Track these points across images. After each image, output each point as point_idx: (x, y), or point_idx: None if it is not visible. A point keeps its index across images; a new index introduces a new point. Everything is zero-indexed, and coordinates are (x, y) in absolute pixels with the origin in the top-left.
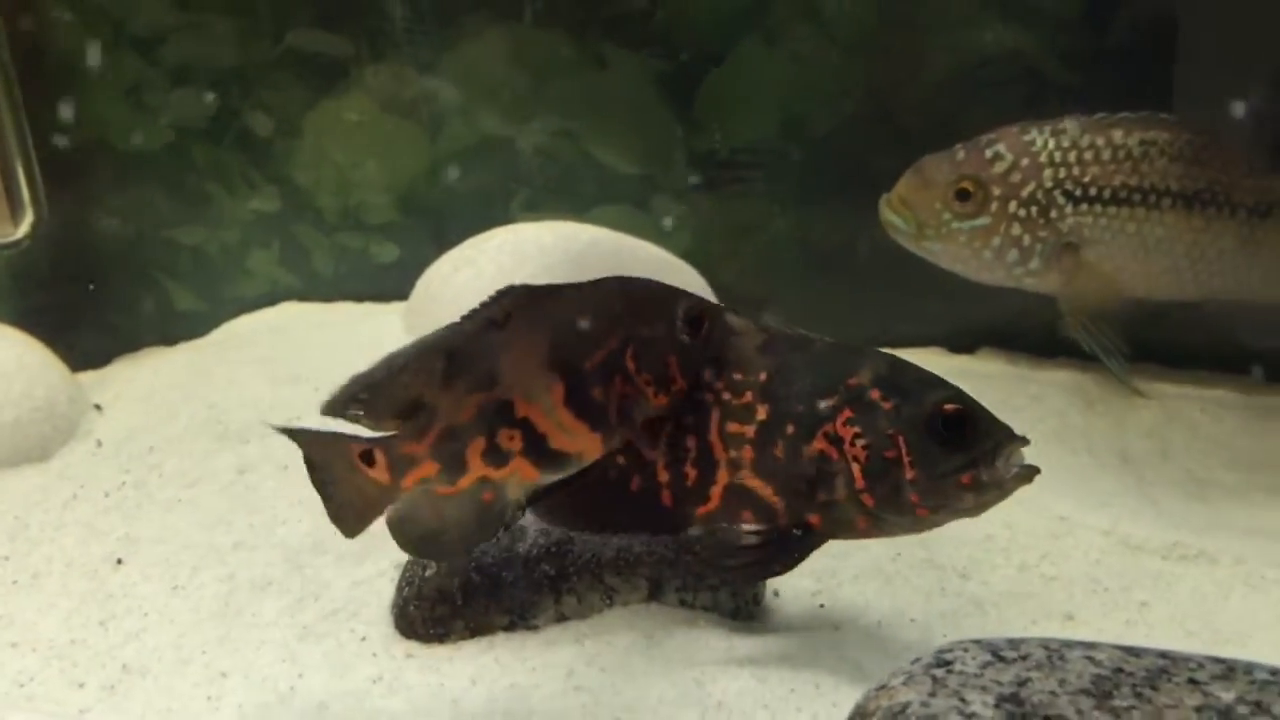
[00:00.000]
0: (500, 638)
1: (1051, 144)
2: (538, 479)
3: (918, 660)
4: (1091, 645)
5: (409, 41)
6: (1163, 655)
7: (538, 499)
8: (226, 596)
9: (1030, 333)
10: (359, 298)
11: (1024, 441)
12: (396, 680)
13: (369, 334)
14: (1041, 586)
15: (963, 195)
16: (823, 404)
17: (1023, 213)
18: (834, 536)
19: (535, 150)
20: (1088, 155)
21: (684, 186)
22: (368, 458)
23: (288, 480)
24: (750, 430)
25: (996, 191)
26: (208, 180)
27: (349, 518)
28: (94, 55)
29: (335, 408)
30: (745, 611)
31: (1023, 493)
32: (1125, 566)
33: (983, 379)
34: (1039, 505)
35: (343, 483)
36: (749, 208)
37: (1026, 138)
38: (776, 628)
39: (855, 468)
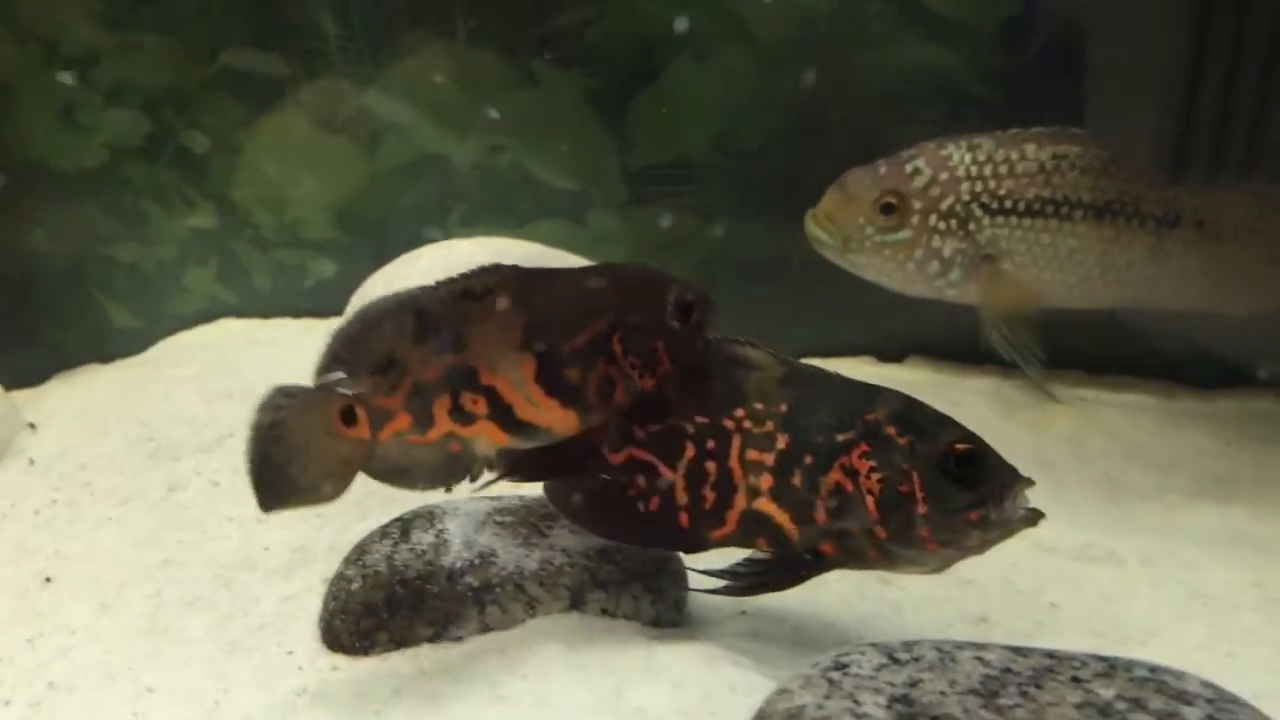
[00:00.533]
0: (425, 649)
1: (968, 158)
2: (507, 443)
3: (816, 664)
4: (982, 646)
5: (344, 60)
6: (1049, 655)
7: (518, 466)
8: (154, 613)
9: (957, 342)
10: (297, 314)
11: (1029, 483)
12: (321, 692)
13: (305, 350)
14: (958, 590)
15: (885, 209)
16: (840, 437)
17: (942, 225)
18: (844, 566)
19: (471, 166)
20: (1002, 169)
21: (619, 201)
22: (349, 415)
23: (218, 496)
24: (770, 458)
25: (917, 205)
26: (144, 198)
27: (329, 482)
28: (27, 76)
29: (324, 369)
30: (667, 619)
31: None
32: (1038, 568)
33: (908, 387)
34: None
35: (320, 458)
36: (683, 221)
37: (944, 153)
38: (697, 635)
39: (870, 500)
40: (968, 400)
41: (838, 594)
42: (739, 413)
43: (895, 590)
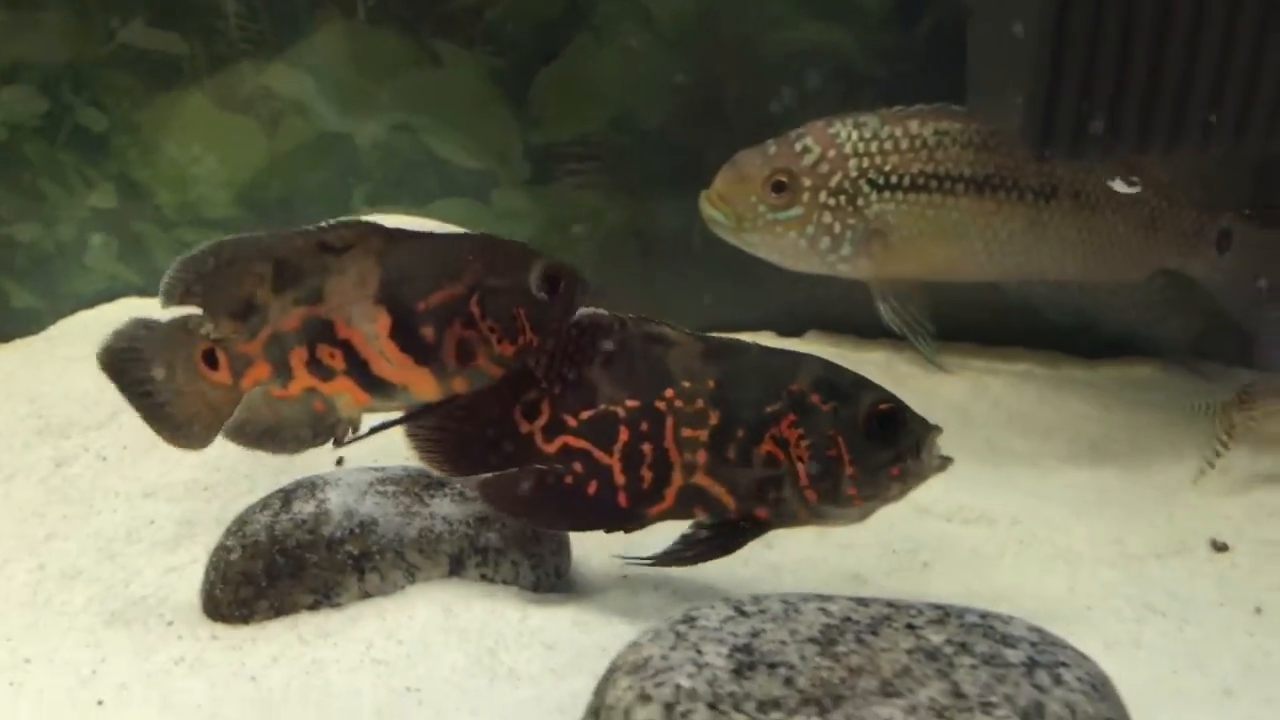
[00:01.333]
0: (304, 616)
1: (854, 136)
2: (368, 403)
3: (669, 619)
4: (827, 598)
5: (244, 38)
6: (890, 604)
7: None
8: (36, 586)
9: (854, 316)
10: None
11: (939, 431)
12: (199, 660)
13: None
14: (837, 553)
15: (776, 187)
16: (769, 409)
17: (832, 202)
18: (778, 527)
19: (374, 145)
20: (887, 145)
21: (523, 179)
22: (210, 358)
23: (106, 471)
24: (704, 435)
25: (807, 183)
26: (42, 178)
27: (196, 429)
28: None
29: (171, 293)
30: (547, 584)
31: None
32: (914, 530)
33: None
34: None
35: (186, 395)
36: (586, 199)
37: (831, 131)
38: (576, 599)
39: (800, 467)
40: (861, 371)
41: (718, 562)
42: (669, 393)
43: (776, 553)
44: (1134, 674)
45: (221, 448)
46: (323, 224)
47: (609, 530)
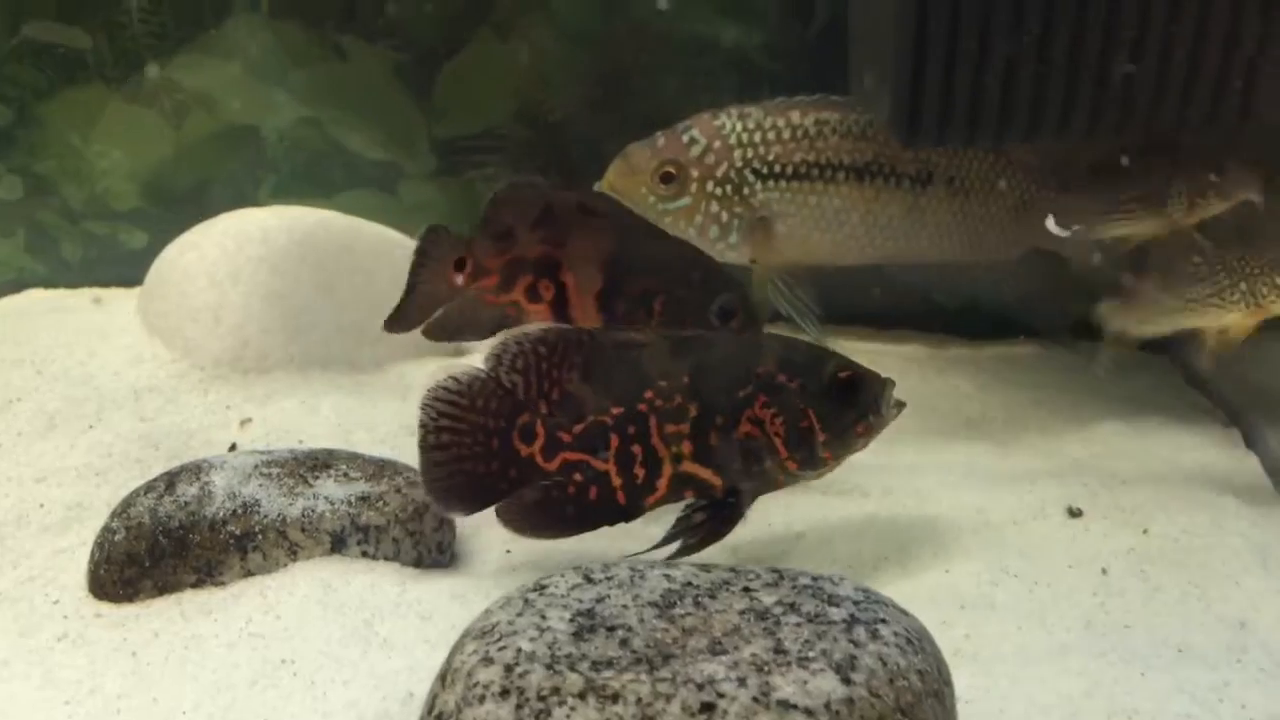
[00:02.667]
0: (188, 594)
1: (739, 127)
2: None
3: (523, 587)
4: (673, 565)
5: (147, 32)
6: (732, 570)
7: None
8: None
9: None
10: (108, 284)
11: (893, 384)
12: (81, 637)
13: (101, 319)
14: None
15: (666, 178)
16: (741, 393)
17: (719, 191)
18: (760, 494)
19: (280, 138)
20: (770, 136)
21: (429, 171)
22: (460, 264)
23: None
24: (685, 427)
25: (694, 173)
26: None
27: (414, 311)
28: None
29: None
30: (429, 560)
31: None
32: (792, 503)
33: None
34: None
35: (432, 280)
36: (491, 190)
37: (717, 122)
38: (457, 573)
39: (778, 441)
40: None
41: (605, 533)
42: (648, 394)
43: (660, 528)
44: (983, 631)
45: (114, 434)
46: (589, 189)
47: (612, 525)
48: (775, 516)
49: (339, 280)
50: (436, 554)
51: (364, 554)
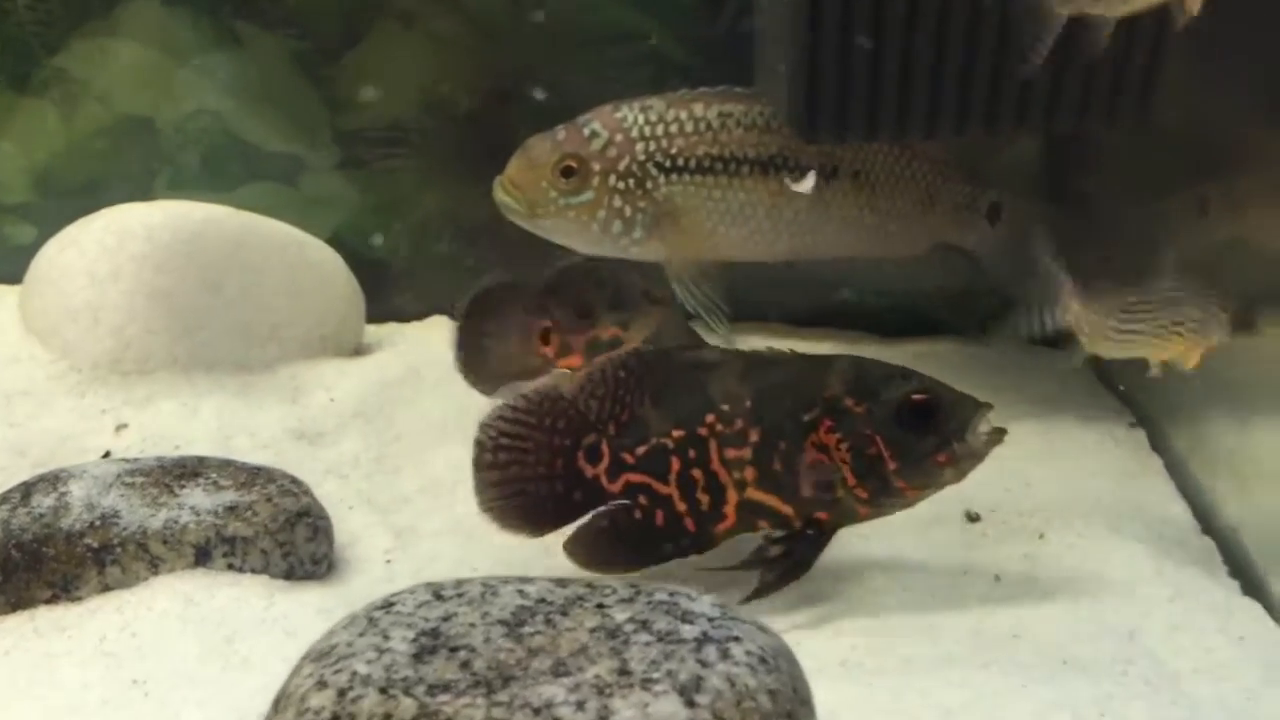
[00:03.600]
0: (42, 610)
1: (641, 119)
2: None
3: (371, 604)
4: (528, 580)
5: (34, 19)
6: (589, 585)
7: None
8: None
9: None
10: None
11: (988, 407)
12: None
13: None
14: None
15: (566, 173)
16: (805, 417)
17: (621, 186)
18: (841, 525)
19: (176, 129)
20: (673, 128)
21: (332, 164)
22: (546, 336)
23: None
24: (747, 453)
25: (596, 167)
26: None
27: (505, 380)
28: None
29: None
30: (301, 572)
31: None
32: None
33: None
34: None
35: (513, 352)
36: (398, 185)
37: (619, 115)
38: (331, 585)
39: (845, 469)
40: None
41: (494, 544)
42: (709, 418)
43: (556, 535)
44: (870, 642)
45: None
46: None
47: (684, 556)
48: None
49: (228, 278)
50: (310, 565)
51: (230, 566)
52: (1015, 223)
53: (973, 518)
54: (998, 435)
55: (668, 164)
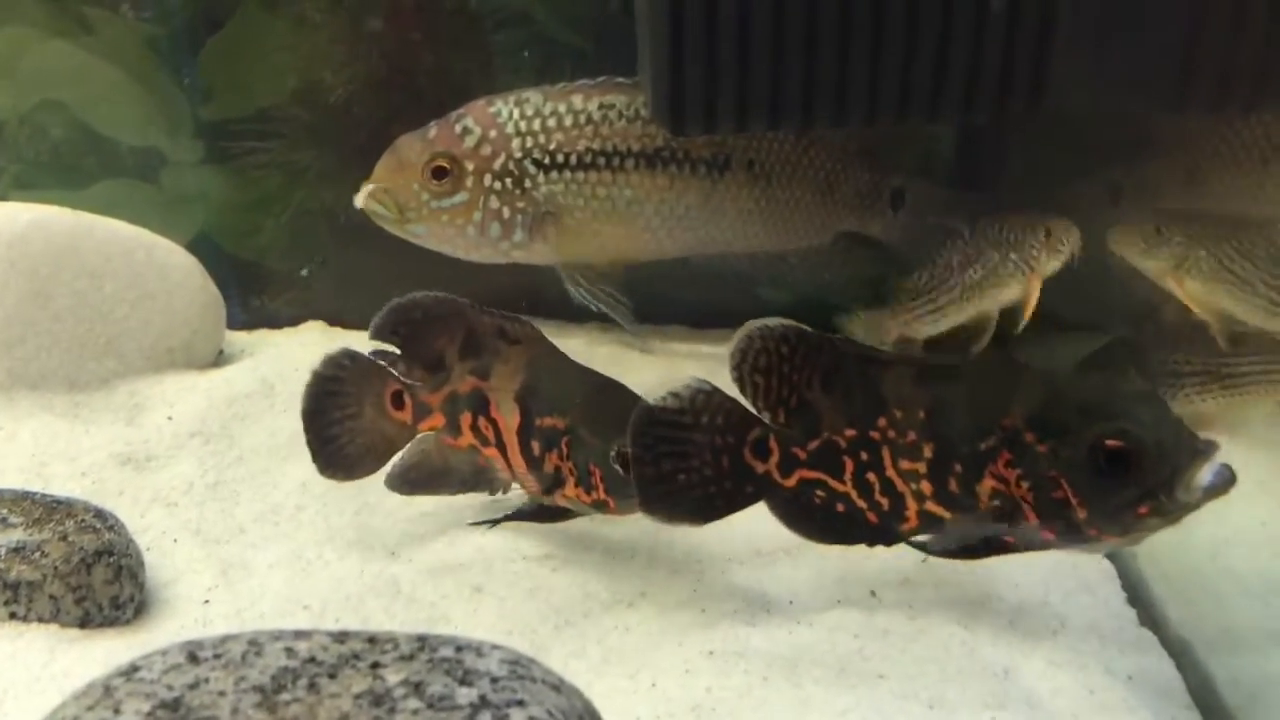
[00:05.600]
0: None
1: (516, 114)
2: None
3: (116, 668)
4: (303, 635)
5: None
6: (370, 640)
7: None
8: None
9: (564, 298)
10: None
11: (1212, 450)
12: None
13: None
14: (468, 558)
15: (438, 173)
16: (983, 445)
17: (498, 185)
18: (1029, 550)
19: (21, 122)
20: (551, 123)
21: (195, 159)
22: (398, 399)
23: None
24: (922, 467)
25: (470, 166)
26: None
27: (370, 457)
28: None
29: (381, 332)
30: (100, 619)
31: None
32: (550, 533)
33: None
34: None
35: (369, 426)
36: (269, 179)
37: (492, 109)
38: (133, 633)
39: (1026, 507)
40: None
41: (331, 575)
42: (881, 422)
43: (401, 564)
44: (727, 682)
45: None
46: (507, 315)
47: (871, 544)
48: (530, 549)
49: (57, 286)
50: (111, 611)
51: (13, 616)
52: (919, 209)
53: None
54: (1223, 485)
55: (547, 161)
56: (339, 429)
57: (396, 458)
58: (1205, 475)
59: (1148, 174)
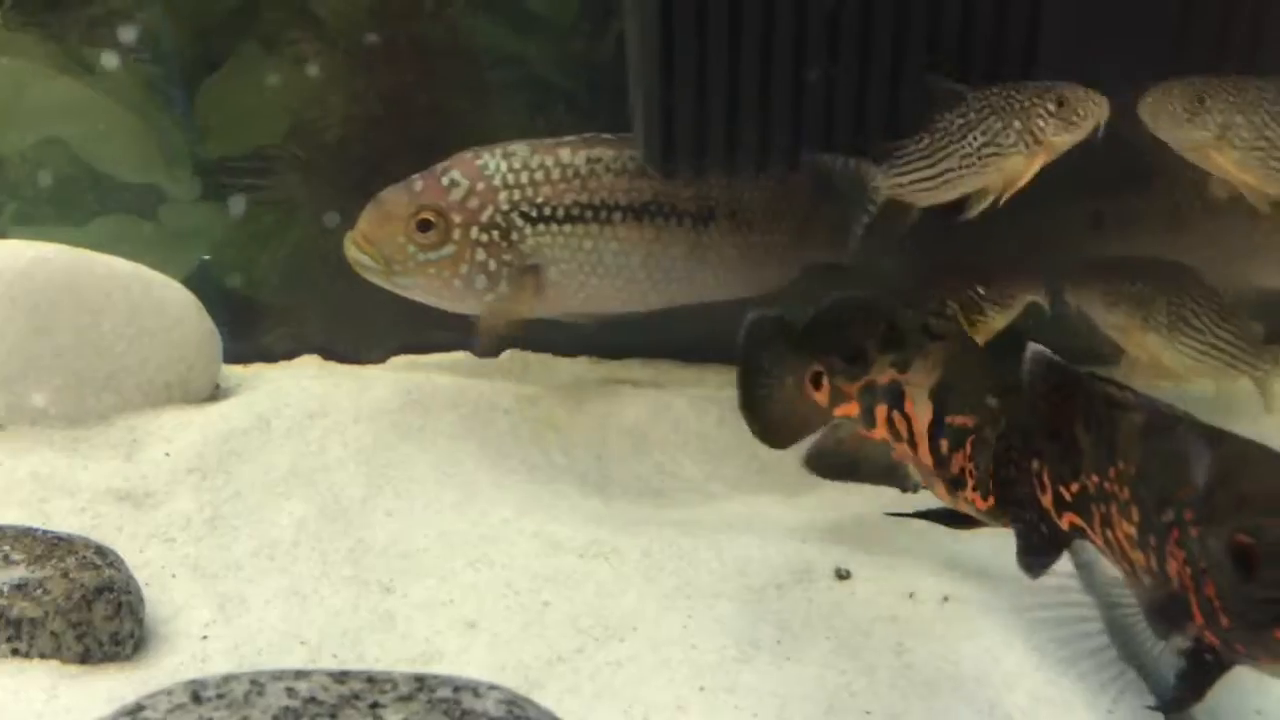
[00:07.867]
0: None
1: (504, 167)
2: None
3: (122, 707)
4: (303, 675)
5: None
6: (370, 679)
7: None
8: None
9: (555, 333)
10: None
11: None
12: None
13: None
14: (459, 594)
15: (424, 226)
16: (1163, 517)
17: (484, 238)
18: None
19: (22, 159)
20: (539, 176)
21: (193, 195)
22: (817, 380)
23: None
24: (1132, 532)
25: (457, 219)
26: None
27: (784, 432)
28: None
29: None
30: (100, 654)
31: (459, 501)
32: (542, 567)
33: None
34: (480, 511)
35: (783, 401)
36: (265, 216)
37: (479, 162)
38: (133, 669)
39: (1190, 595)
40: (542, 392)
41: (331, 607)
42: (1112, 472)
43: (396, 598)
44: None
45: None
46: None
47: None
48: (522, 583)
49: (58, 323)
50: (111, 646)
51: (15, 652)
52: (889, 230)
53: (842, 575)
54: None
55: (534, 213)
56: (764, 392)
57: (812, 438)
58: None
59: (1132, 204)
